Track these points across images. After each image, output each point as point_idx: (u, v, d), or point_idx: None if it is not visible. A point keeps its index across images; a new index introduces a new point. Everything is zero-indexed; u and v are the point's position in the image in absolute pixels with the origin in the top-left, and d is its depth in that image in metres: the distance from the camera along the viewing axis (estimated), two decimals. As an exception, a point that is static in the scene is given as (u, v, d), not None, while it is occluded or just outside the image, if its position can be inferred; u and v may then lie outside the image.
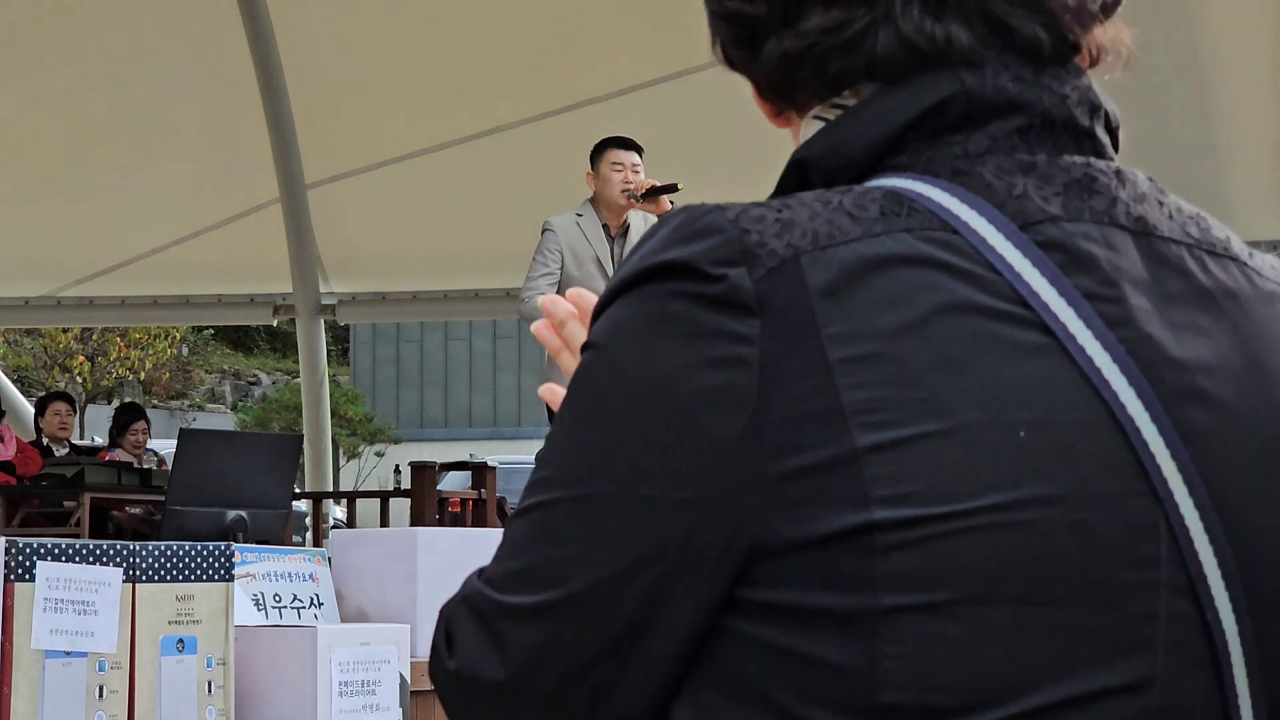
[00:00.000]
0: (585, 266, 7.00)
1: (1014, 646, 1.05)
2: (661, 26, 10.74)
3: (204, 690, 4.05)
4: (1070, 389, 1.09)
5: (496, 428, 31.39)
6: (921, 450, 1.06)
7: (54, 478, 9.26)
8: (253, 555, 5.47)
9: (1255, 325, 1.17)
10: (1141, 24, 4.52)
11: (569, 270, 7.00)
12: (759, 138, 9.22)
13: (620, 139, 7.14)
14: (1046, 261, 1.12)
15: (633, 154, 7.09)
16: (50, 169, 12.07)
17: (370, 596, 5.70)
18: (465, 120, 11.47)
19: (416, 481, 9.74)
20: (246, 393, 33.42)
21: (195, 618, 4.05)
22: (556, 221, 7.06)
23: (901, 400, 1.06)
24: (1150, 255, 1.16)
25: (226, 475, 6.80)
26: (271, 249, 12.26)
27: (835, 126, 1.23)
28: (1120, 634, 1.07)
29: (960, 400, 1.07)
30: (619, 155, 7.08)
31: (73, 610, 3.72)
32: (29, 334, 27.32)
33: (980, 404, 1.07)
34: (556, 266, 6.99)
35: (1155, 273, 1.15)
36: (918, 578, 1.05)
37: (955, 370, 1.07)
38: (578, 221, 7.06)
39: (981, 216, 1.13)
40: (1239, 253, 1.22)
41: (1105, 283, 1.13)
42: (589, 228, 7.06)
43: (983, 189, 1.15)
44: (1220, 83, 8.77)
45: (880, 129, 1.19)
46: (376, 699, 4.47)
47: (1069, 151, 1.19)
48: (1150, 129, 9.00)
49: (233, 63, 11.24)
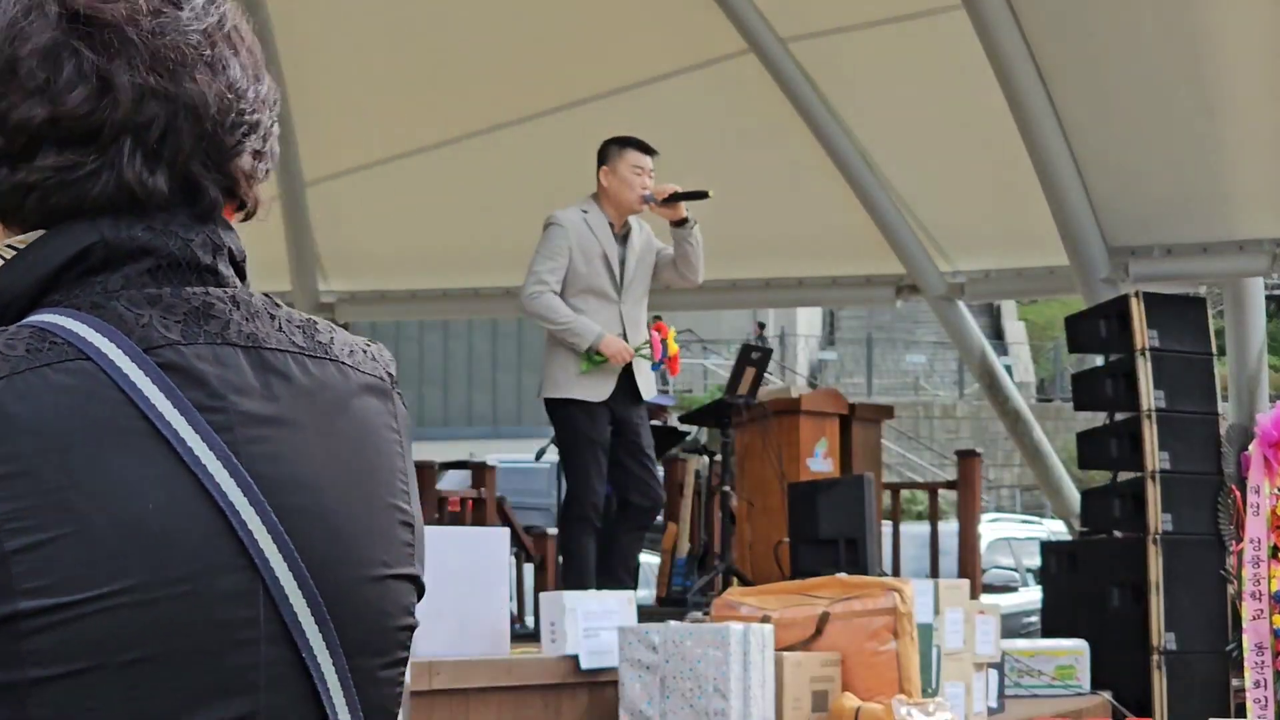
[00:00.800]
0: (593, 263, 6.95)
1: (143, 699, 1.31)
2: (657, 24, 10.71)
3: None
4: (182, 486, 1.33)
5: (496, 426, 31.35)
6: (58, 549, 1.29)
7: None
8: (251, 555, 5.46)
9: (346, 415, 1.46)
10: (1145, 20, 4.51)
11: (576, 266, 6.95)
12: (752, 136, 9.14)
13: (642, 142, 7.08)
14: (165, 380, 1.35)
15: (651, 159, 7.04)
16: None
17: (369, 596, 5.69)
18: (465, 117, 11.45)
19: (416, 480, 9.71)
20: (246, 392, 33.45)
21: (193, 618, 4.03)
22: (563, 216, 6.99)
23: (42, 508, 1.29)
24: (259, 365, 1.41)
25: (225, 474, 6.76)
26: (269, 247, 12.22)
27: (7, 267, 1.42)
28: (228, 680, 1.34)
29: (90, 505, 1.31)
30: (640, 159, 7.04)
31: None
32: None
33: (105, 506, 1.31)
34: (564, 262, 6.93)
35: (263, 379, 1.41)
36: (58, 653, 1.29)
37: (86, 480, 1.31)
38: (584, 218, 7.00)
39: (113, 343, 1.36)
40: (339, 353, 1.48)
41: (214, 396, 1.37)
42: (596, 224, 7.00)
43: (116, 320, 1.37)
44: (1223, 79, 8.73)
45: (38, 271, 1.40)
46: (376, 699, 4.45)
47: (192, 284, 1.42)
48: (1152, 122, 8.98)
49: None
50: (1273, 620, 8.93)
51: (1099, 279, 9.36)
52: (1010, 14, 8.55)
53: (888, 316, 34.32)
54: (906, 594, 6.08)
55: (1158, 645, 8.65)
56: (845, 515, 7.88)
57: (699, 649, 5.49)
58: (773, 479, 8.79)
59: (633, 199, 6.98)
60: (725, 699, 5.43)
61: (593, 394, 6.95)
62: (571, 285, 6.96)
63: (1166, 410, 8.85)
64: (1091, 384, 9.25)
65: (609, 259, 6.97)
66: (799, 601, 6.16)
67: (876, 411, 9.93)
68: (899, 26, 9.99)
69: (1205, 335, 9.15)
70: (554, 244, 6.94)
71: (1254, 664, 8.86)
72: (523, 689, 5.53)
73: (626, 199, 7.01)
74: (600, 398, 6.94)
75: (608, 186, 7.06)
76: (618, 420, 7.01)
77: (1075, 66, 8.79)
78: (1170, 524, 8.77)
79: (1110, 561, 8.99)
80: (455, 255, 12.32)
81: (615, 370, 6.97)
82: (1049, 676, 8.13)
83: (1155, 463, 8.78)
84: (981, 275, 11.45)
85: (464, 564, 5.71)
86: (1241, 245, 9.31)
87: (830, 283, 11.97)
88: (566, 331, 6.87)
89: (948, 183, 10.98)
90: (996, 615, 7.28)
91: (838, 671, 5.98)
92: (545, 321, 7.00)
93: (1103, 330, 9.07)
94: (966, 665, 6.83)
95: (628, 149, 7.07)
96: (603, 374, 6.95)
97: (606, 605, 5.94)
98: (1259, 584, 8.97)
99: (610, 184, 7.05)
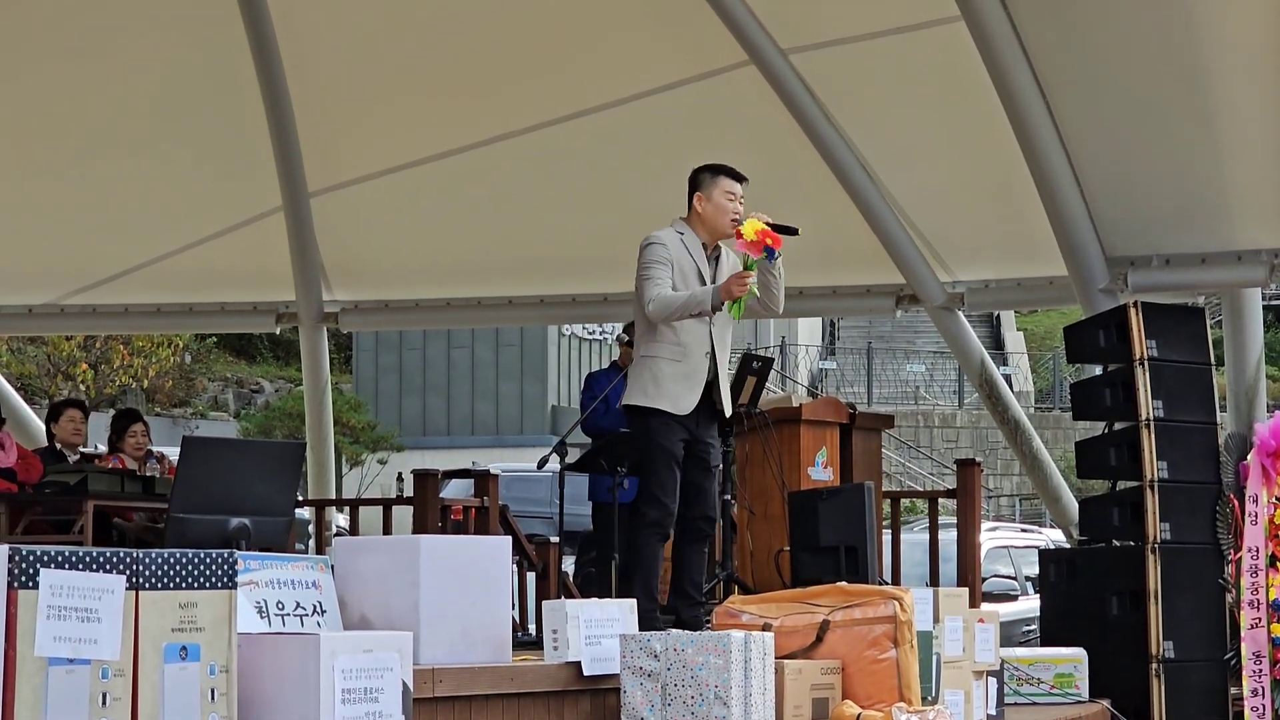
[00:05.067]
0: (689, 281, 7.08)
1: None
2: (660, 36, 10.73)
3: (207, 697, 4.03)
4: None
5: (499, 435, 31.34)
6: None
7: (57, 485, 9.23)
8: (256, 562, 5.46)
9: None
10: (1143, 34, 4.53)
11: (674, 281, 7.03)
12: (753, 146, 9.18)
13: (734, 170, 7.19)
14: None
15: (742, 186, 7.13)
16: (53, 178, 12.07)
17: (373, 604, 5.70)
18: (467, 129, 11.47)
19: (419, 489, 9.72)
20: (249, 400, 33.37)
21: (198, 625, 4.03)
22: (662, 235, 7.13)
23: None
24: None
25: (229, 483, 6.79)
26: (274, 257, 12.25)
27: None
28: None
29: None
30: (734, 186, 7.15)
31: (75, 617, 3.70)
32: (32, 341, 27.27)
33: None
34: (669, 275, 7.02)
35: None
36: None
37: None
38: (681, 238, 7.14)
39: None
40: None
41: None
42: (691, 245, 7.16)
43: None
44: (1221, 92, 8.74)
45: None
46: (379, 706, 4.45)
47: None
48: (1151, 134, 8.99)
49: (237, 74, 11.25)
50: (1271, 629, 8.95)
51: (1098, 289, 9.36)
52: (1010, 26, 8.56)
53: (888, 326, 34.34)
54: (906, 602, 6.09)
55: (1156, 653, 8.66)
56: (846, 524, 7.88)
57: (700, 656, 5.50)
58: (773, 487, 8.80)
59: (726, 224, 7.10)
60: (726, 706, 5.44)
61: (677, 407, 7.06)
62: None
63: (1165, 420, 8.85)
64: (1090, 393, 9.26)
65: (703, 276, 7.07)
66: (800, 609, 6.17)
67: (876, 420, 9.94)
68: (899, 38, 10.00)
69: (1203, 345, 9.16)
70: (656, 256, 7.07)
71: (1252, 672, 8.88)
72: (525, 695, 5.54)
73: (720, 224, 7.12)
74: (683, 411, 7.08)
75: (702, 212, 7.17)
76: (693, 437, 7.12)
77: (1074, 79, 8.80)
78: (1168, 533, 8.78)
79: (1109, 570, 8.99)
80: (458, 265, 12.34)
81: (701, 384, 7.07)
82: (1048, 684, 8.14)
83: (1154, 472, 8.79)
84: (981, 285, 11.46)
85: (467, 572, 5.72)
86: (1239, 256, 9.32)
87: (831, 292, 11.99)
88: (689, 305, 6.98)
89: (948, 193, 10.99)
90: (996, 623, 7.29)
91: (838, 679, 5.99)
92: (671, 311, 7.08)
93: (1101, 340, 9.08)
94: (966, 673, 6.84)
95: (721, 176, 7.18)
96: (690, 385, 7.08)
97: (609, 613, 5.95)
98: (1257, 592, 8.99)
99: (705, 209, 7.15)
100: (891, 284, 11.57)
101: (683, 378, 7.09)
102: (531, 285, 12.37)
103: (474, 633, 5.67)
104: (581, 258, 11.69)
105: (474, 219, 11.97)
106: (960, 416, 31.05)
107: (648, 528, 7.15)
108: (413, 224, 12.13)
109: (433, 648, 5.45)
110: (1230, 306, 9.77)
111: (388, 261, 12.46)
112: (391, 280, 12.62)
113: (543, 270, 12.18)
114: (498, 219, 11.93)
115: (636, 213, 8.44)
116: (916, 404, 32.76)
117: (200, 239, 12.31)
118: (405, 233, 12.19)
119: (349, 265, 12.48)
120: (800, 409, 9.05)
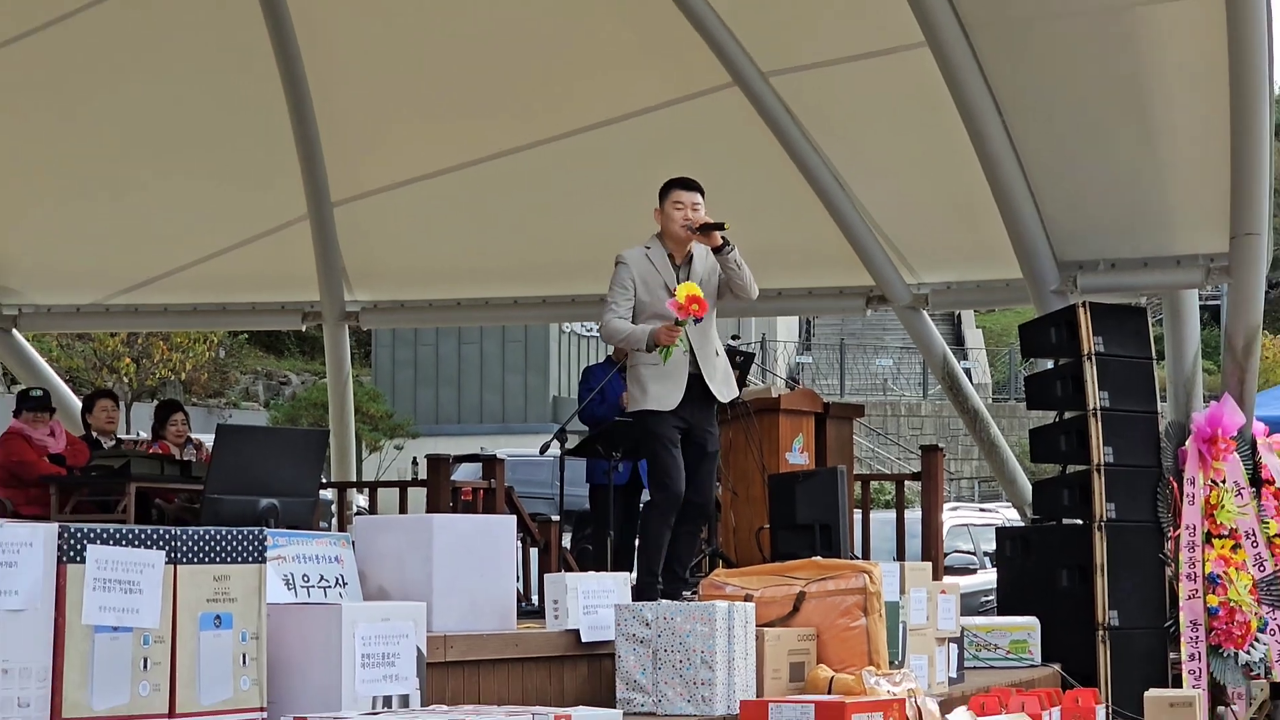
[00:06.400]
0: (655, 292, 7.16)
1: None
2: (651, 60, 10.73)
3: (239, 662, 4.04)
4: None
5: (505, 423, 31.34)
6: None
7: (102, 469, 9.22)
8: (283, 539, 5.46)
9: None
10: (1091, 59, 4.53)
11: (640, 296, 7.19)
12: (736, 162, 9.14)
13: (683, 180, 7.29)
14: None
15: (693, 194, 7.23)
16: (100, 190, 12.09)
17: (390, 577, 5.70)
18: (476, 145, 11.47)
19: (432, 472, 9.72)
20: (278, 391, 33.33)
21: (231, 596, 4.03)
22: (628, 255, 7.24)
23: None
24: None
25: (260, 467, 6.79)
26: (301, 261, 12.25)
27: None
28: None
29: None
30: (680, 195, 7.22)
31: (119, 589, 3.70)
32: (80, 338, 27.24)
33: None
34: (629, 292, 7.20)
35: None
36: None
37: None
38: (647, 254, 7.24)
39: None
40: None
41: None
42: (656, 258, 7.22)
43: None
44: (1161, 112, 8.74)
45: None
46: (396, 670, 4.46)
47: None
48: (1098, 151, 8.99)
49: (267, 96, 11.28)
50: (1206, 599, 8.96)
51: (1050, 290, 9.37)
52: (970, 52, 8.56)
53: (858, 324, 34.36)
54: (875, 575, 6.10)
55: (1102, 622, 8.67)
56: (820, 504, 7.88)
57: (688, 625, 5.51)
58: (755, 471, 8.80)
59: (679, 229, 7.17)
60: (711, 669, 5.44)
61: (663, 404, 7.14)
62: (641, 312, 7.17)
63: (1110, 409, 8.86)
64: (1043, 386, 9.27)
65: (668, 287, 7.11)
66: (778, 582, 6.17)
67: (848, 410, 9.93)
68: (870, 62, 10.01)
69: (1145, 342, 9.17)
70: (619, 278, 7.23)
71: (1189, 639, 8.89)
72: (529, 660, 5.54)
73: (675, 231, 7.22)
74: (668, 407, 7.14)
75: (661, 224, 7.24)
76: (689, 425, 7.16)
77: (1029, 101, 8.80)
78: (1114, 512, 8.79)
79: (1059, 546, 9.00)
80: (468, 269, 12.34)
81: (682, 380, 7.12)
82: (1004, 650, 8.14)
83: (1100, 456, 8.80)
84: (944, 287, 11.47)
85: (475, 548, 5.73)
86: (1178, 260, 9.33)
87: (807, 293, 12.01)
88: (629, 341, 7.16)
89: (913, 203, 10.99)
90: (956, 594, 7.29)
91: (813, 645, 5.99)
92: (614, 340, 7.34)
93: (1053, 337, 9.09)
94: (929, 640, 6.85)
95: (672, 189, 7.29)
96: (671, 384, 7.13)
97: (605, 585, 5.95)
98: (1194, 566, 9.00)
99: (662, 221, 7.27)
100: (862, 286, 11.58)
101: (664, 377, 7.14)
102: (534, 287, 12.39)
103: (482, 603, 5.67)
104: (579, 262, 11.69)
105: (482, 227, 11.97)
106: (924, 406, 31.07)
107: (654, 510, 7.20)
108: (426, 231, 12.13)
109: (444, 616, 5.46)
110: (1170, 307, 9.77)
111: (404, 265, 12.46)
112: (407, 282, 12.63)
113: (544, 273, 12.19)
114: (504, 227, 11.94)
115: (628, 221, 8.44)
116: (885, 395, 32.78)
117: (233, 244, 12.33)
118: (420, 239, 12.20)
119: (369, 268, 12.49)
120: (779, 399, 9.05)
